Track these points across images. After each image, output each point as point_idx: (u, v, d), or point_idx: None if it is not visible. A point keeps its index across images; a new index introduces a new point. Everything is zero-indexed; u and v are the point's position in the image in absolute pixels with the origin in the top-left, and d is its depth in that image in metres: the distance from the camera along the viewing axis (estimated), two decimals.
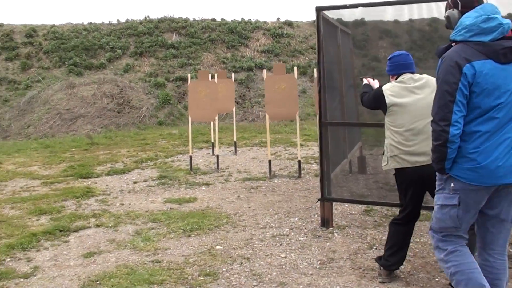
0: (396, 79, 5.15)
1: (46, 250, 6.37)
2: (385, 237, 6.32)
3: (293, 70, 10.58)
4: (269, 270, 5.52)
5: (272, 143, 14.44)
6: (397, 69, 5.16)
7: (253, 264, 5.69)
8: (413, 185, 4.97)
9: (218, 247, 6.27)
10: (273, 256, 5.92)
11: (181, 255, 6.03)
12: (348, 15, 6.99)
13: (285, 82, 10.09)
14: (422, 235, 6.37)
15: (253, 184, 9.65)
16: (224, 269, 5.58)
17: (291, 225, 7.05)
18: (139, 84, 21.86)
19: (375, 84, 5.63)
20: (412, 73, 5.12)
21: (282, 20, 27.70)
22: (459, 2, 3.76)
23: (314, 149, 13.25)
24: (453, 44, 3.75)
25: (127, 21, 26.73)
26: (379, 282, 5.14)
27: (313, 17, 37.10)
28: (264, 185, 9.51)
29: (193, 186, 9.62)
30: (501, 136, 3.56)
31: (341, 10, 6.77)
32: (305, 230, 6.82)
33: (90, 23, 26.68)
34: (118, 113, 19.58)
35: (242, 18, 27.38)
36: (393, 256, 5.12)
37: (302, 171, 10.37)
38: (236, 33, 25.85)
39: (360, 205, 7.76)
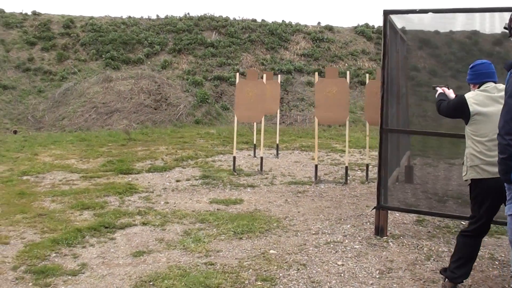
0: (479, 87, 4.97)
1: (93, 247, 6.17)
2: (441, 249, 6.18)
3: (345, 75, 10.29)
4: (327, 278, 5.26)
5: (313, 148, 14.18)
6: (480, 77, 4.99)
7: (310, 271, 5.44)
8: (491, 196, 4.75)
9: (271, 251, 6.03)
10: (330, 264, 5.67)
11: (234, 258, 5.79)
12: (418, 21, 6.62)
13: (336, 86, 9.81)
14: (481, 249, 6.04)
15: (299, 188, 9.40)
16: (281, 274, 5.34)
17: (344, 232, 6.79)
18: (176, 81, 21.70)
19: (451, 93, 5.42)
20: (495, 82, 4.95)
21: (322, 24, 27.43)
22: None
23: (356, 156, 12.98)
24: None
25: (166, 17, 26.62)
26: None
27: (353, 23, 36.70)
28: (310, 190, 9.25)
29: (238, 187, 9.39)
30: None
31: (410, 16, 6.45)
32: (359, 238, 6.56)
33: (129, 17, 26.65)
34: (155, 109, 19.44)
35: (282, 20, 27.17)
36: (460, 268, 4.93)
37: (348, 178, 10.09)
38: (276, 35, 25.62)
39: (411, 215, 7.49)
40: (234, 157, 10.89)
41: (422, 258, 5.87)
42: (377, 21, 27.92)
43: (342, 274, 5.37)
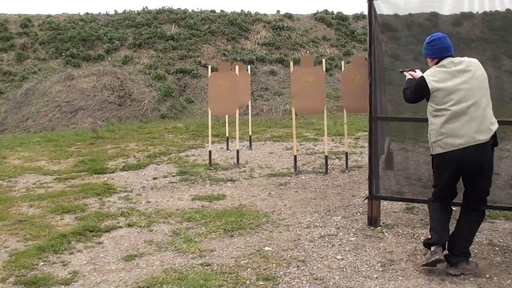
0: (437, 63, 5.09)
1: (81, 253, 5.93)
2: None
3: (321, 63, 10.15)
4: (330, 274, 5.13)
5: (284, 138, 14.08)
6: (438, 52, 5.12)
7: (311, 267, 5.30)
8: (452, 167, 4.97)
9: (266, 248, 5.88)
10: (329, 258, 5.54)
11: (230, 257, 5.62)
12: (404, 6, 6.47)
13: (313, 75, 9.66)
14: (477, 235, 5.96)
15: (280, 180, 9.26)
16: (281, 272, 5.19)
17: (336, 224, 6.68)
18: (139, 76, 21.33)
19: (418, 74, 5.45)
20: (452, 56, 5.08)
21: (282, 12, 27.28)
22: None
23: (330, 144, 12.88)
24: None
25: (124, 12, 26.12)
26: (436, 259, 4.97)
27: (313, 10, 36.70)
28: (292, 182, 9.12)
29: (218, 182, 9.21)
30: None
31: (395, 0, 6.32)
32: (353, 230, 6.45)
33: (87, 13, 26.05)
34: (120, 106, 19.08)
35: (241, 10, 26.94)
36: (435, 230, 5.16)
37: (324, 167, 10.00)
38: (236, 25, 25.41)
39: (399, 203, 7.43)
40: (210, 152, 10.69)
41: (421, 247, 5.75)
42: (336, 7, 27.94)
43: (344, 269, 5.25)
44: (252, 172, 9.94)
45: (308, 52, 24.48)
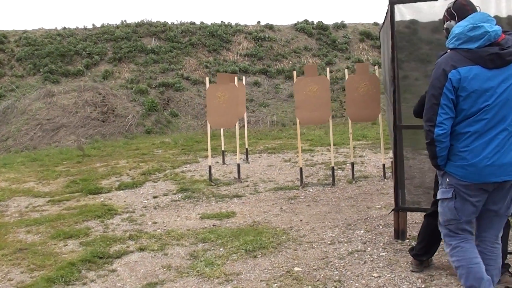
0: None
1: (95, 283, 5.48)
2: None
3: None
4: None
5: (279, 149, 13.74)
6: None
7: (349, 287, 4.94)
8: None
9: (296, 268, 5.50)
10: (365, 276, 5.19)
11: (259, 281, 5.23)
12: (428, 10, 6.07)
13: (317, 84, 9.32)
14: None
15: (288, 194, 8.90)
16: None
17: (361, 239, 6.33)
18: (120, 91, 20.83)
19: None
20: None
21: (262, 23, 26.99)
22: (455, 14, 4.16)
23: (327, 154, 12.55)
24: (448, 51, 3.99)
25: (103, 26, 25.57)
26: (410, 270, 5.19)
27: (293, 20, 36.47)
28: (301, 195, 8.76)
29: (223, 199, 8.82)
30: (490, 136, 3.78)
31: (418, 4, 5.93)
32: (381, 244, 6.11)
33: (64, 28, 25.42)
34: (103, 122, 18.59)
35: (222, 21, 26.59)
36: (423, 248, 5.21)
37: (330, 178, 9.65)
38: (217, 37, 25.05)
39: (418, 213, 7.07)
40: (210, 167, 10.29)
41: None
42: (316, 17, 27.77)
43: (384, 287, 4.89)
44: (256, 187, 9.56)
45: (291, 62, 24.24)
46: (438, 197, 4.20)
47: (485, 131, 3.80)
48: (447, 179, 4.04)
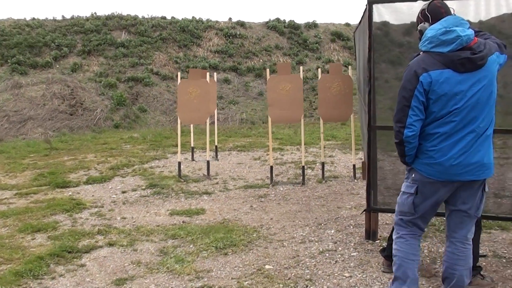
0: None
1: (64, 278, 5.40)
2: (441, 250, 5.86)
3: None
4: None
5: (249, 148, 13.72)
6: None
7: (321, 287, 4.95)
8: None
9: (267, 266, 5.50)
10: (337, 276, 5.20)
11: (230, 278, 5.21)
12: (407, 11, 6.05)
13: (290, 82, 9.32)
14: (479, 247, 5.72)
15: (258, 192, 8.89)
16: None
17: (332, 239, 6.35)
18: (89, 84, 20.57)
19: None
20: None
21: (234, 20, 26.92)
22: (429, 16, 4.17)
23: (297, 153, 12.58)
24: (421, 53, 4.04)
25: (72, 18, 25.20)
26: (382, 271, 5.25)
27: (264, 18, 36.42)
28: (271, 193, 8.76)
29: (193, 195, 8.77)
30: (458, 137, 3.86)
31: (397, 4, 5.94)
32: (352, 244, 6.13)
33: (33, 18, 24.96)
34: (71, 115, 18.35)
35: (193, 17, 26.43)
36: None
37: (300, 177, 9.68)
38: (188, 32, 24.91)
39: (389, 215, 7.13)
40: (179, 163, 10.22)
41: (427, 261, 5.50)
42: (288, 16, 27.78)
43: (356, 287, 4.91)
44: (226, 184, 9.53)
45: (261, 60, 24.23)
46: (402, 189, 4.26)
47: (454, 133, 3.86)
48: (413, 175, 4.12)
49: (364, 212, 6.25)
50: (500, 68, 4.05)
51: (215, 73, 12.62)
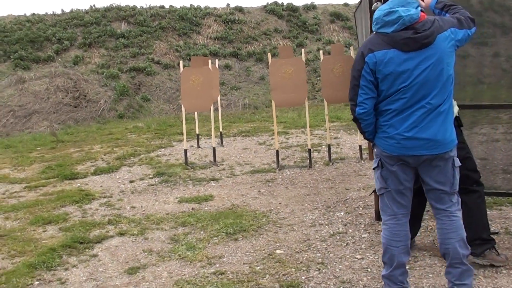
0: None
1: (77, 268, 5.44)
2: None
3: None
4: (356, 276, 4.81)
5: (253, 132, 13.73)
6: None
7: (333, 270, 4.97)
8: None
9: (278, 251, 5.52)
10: (348, 258, 5.22)
11: (242, 263, 5.24)
12: None
13: (292, 65, 9.32)
14: (491, 224, 5.68)
15: (265, 176, 8.91)
16: (303, 277, 4.83)
17: (342, 221, 6.37)
18: (92, 76, 20.61)
19: None
20: None
21: (232, 5, 26.91)
22: None
23: (302, 136, 12.59)
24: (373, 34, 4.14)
25: (72, 11, 25.21)
26: None
27: (263, 2, 36.12)
28: (278, 178, 8.78)
29: (201, 182, 8.80)
30: (408, 113, 3.92)
31: None
32: (362, 226, 6.16)
33: (33, 14, 25.02)
34: (75, 107, 18.40)
35: (191, 5, 26.43)
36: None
37: (306, 160, 9.69)
38: (187, 20, 24.89)
39: None
40: (186, 150, 10.25)
41: (438, 241, 5.51)
42: None
43: (368, 269, 4.94)
44: (233, 170, 9.56)
45: (261, 45, 24.22)
46: (372, 166, 4.37)
47: (404, 109, 3.94)
48: (375, 150, 4.23)
49: (373, 193, 6.26)
50: (462, 44, 4.05)
51: (216, 60, 12.61)
